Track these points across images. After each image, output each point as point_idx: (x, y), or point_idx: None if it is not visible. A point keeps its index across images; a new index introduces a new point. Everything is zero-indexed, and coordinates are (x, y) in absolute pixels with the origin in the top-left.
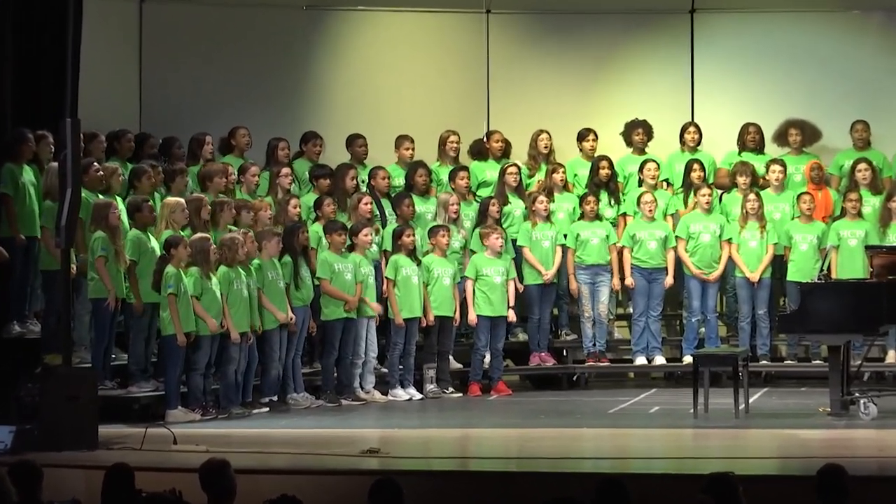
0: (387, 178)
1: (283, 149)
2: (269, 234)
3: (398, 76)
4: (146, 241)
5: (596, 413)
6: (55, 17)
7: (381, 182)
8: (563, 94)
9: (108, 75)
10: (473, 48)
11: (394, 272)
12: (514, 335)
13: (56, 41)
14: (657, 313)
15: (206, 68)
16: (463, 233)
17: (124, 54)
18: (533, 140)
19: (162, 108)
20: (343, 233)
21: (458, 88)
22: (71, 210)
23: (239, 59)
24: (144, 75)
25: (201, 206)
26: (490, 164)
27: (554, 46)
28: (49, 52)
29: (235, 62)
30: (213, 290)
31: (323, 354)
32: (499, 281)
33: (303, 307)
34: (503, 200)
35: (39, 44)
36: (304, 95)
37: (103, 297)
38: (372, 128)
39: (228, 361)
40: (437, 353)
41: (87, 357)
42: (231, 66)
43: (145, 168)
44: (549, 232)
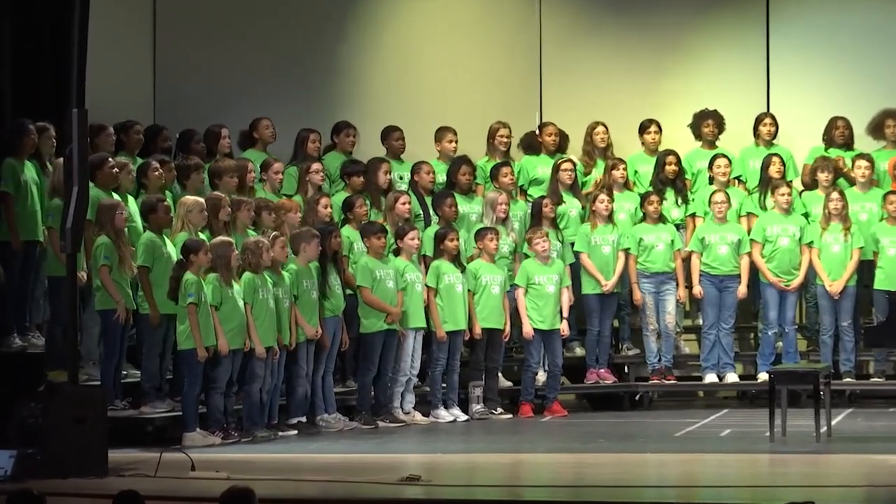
0: (431, 173)
1: (314, 141)
2: (307, 236)
3: (440, 62)
4: (161, 246)
5: (661, 436)
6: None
7: (425, 178)
8: (623, 81)
9: (117, 62)
10: (524, 31)
11: (435, 280)
12: (570, 350)
13: (60, 24)
14: (729, 326)
15: (225, 54)
16: (512, 235)
17: (136, 38)
18: (588, 133)
19: (177, 98)
20: (382, 235)
21: (507, 76)
22: (78, 210)
23: (262, 43)
24: (158, 62)
25: (220, 205)
26: (543, 159)
27: (613, 29)
28: (53, 37)
29: (258, 47)
30: (234, 300)
31: (360, 371)
32: (552, 290)
33: (333, 318)
34: (557, 199)
35: (42, 28)
36: (334, 84)
37: (112, 309)
38: (410, 119)
39: (252, 379)
40: (484, 369)
41: (96, 374)
42: (254, 51)
43: (150, 163)
44: (610, 236)
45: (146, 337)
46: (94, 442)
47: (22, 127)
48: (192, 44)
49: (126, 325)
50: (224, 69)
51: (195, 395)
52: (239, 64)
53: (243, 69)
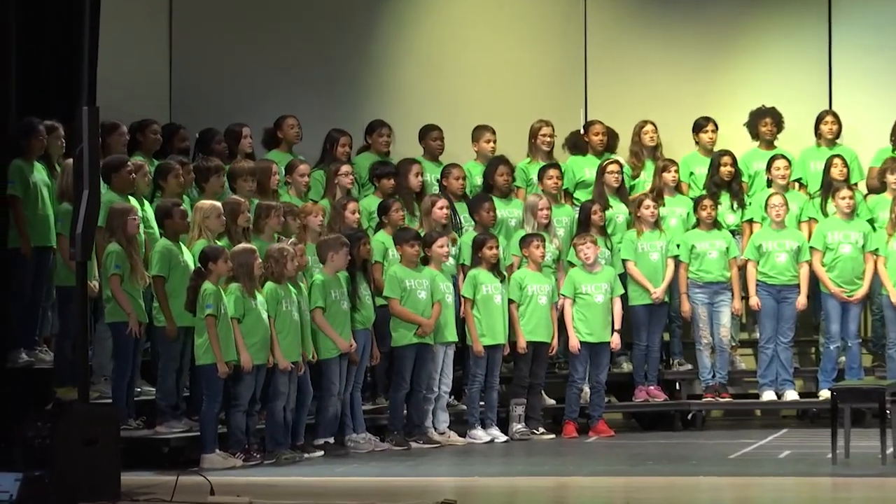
0: (461, 178)
1: (343, 145)
2: (336, 244)
3: (479, 58)
4: (177, 253)
5: (715, 458)
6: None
7: (454, 183)
8: (673, 77)
9: (131, 56)
10: (568, 23)
11: (472, 290)
12: (618, 365)
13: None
14: (788, 339)
15: (247, 49)
16: (556, 242)
17: (151, 31)
18: (636, 133)
19: (195, 95)
20: (416, 243)
21: (550, 71)
22: (88, 215)
23: (287, 37)
24: (174, 56)
25: (238, 210)
26: (589, 159)
27: (663, 20)
28: (61, 31)
29: (283, 41)
30: (257, 312)
31: (391, 387)
32: (600, 300)
33: (363, 331)
34: (603, 204)
35: (50, 21)
36: (365, 81)
37: (123, 321)
38: (447, 119)
39: (276, 396)
40: (527, 386)
41: (108, 391)
42: (278, 45)
43: (172, 165)
44: (659, 242)
45: (162, 351)
46: (105, 464)
47: (30, 126)
48: (211, 37)
49: (140, 339)
50: (245, 64)
51: (215, 413)
52: (262, 59)
53: (267, 64)
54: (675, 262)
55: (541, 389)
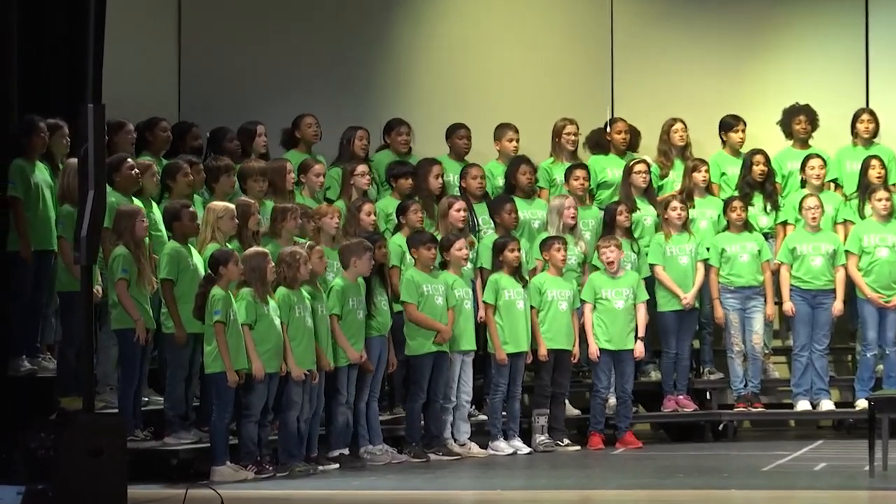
0: (479, 177)
1: (361, 139)
2: (359, 248)
3: (501, 55)
4: (187, 256)
5: (747, 471)
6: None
7: (472, 183)
8: (702, 73)
9: (138, 52)
10: (594, 19)
11: (494, 295)
12: (645, 374)
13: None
14: (823, 347)
15: (260, 45)
16: (581, 245)
17: (159, 26)
18: (664, 131)
19: (206, 92)
20: (433, 246)
21: (576, 69)
22: (94, 217)
23: (302, 33)
24: (184, 52)
25: (249, 212)
26: (612, 159)
27: (692, 14)
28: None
29: (298, 37)
30: (270, 318)
31: (408, 397)
32: (621, 306)
33: (379, 338)
34: (630, 205)
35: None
36: (384, 78)
37: (130, 328)
38: (469, 117)
39: (289, 406)
40: (549, 395)
41: (114, 400)
42: (292, 41)
43: (180, 165)
44: (687, 245)
45: (170, 359)
46: (111, 476)
47: (30, 125)
48: (222, 32)
49: (147, 346)
50: (258, 61)
51: (225, 424)
52: (276, 55)
53: (281, 61)
54: (706, 267)
55: (564, 399)
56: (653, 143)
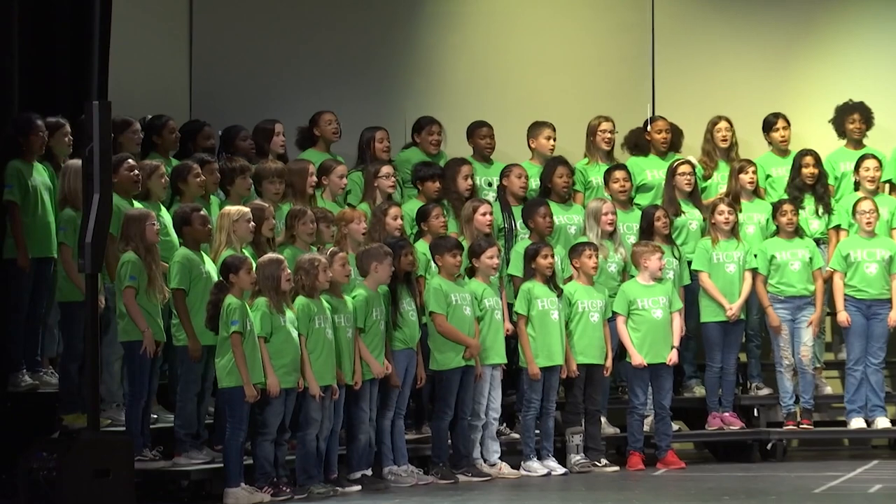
0: (523, 178)
1: (381, 141)
2: (379, 254)
3: (534, 50)
4: (199, 264)
5: (798, 493)
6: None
7: (515, 183)
8: (749, 69)
9: (147, 47)
10: (634, 11)
11: (526, 305)
12: (688, 389)
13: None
14: (879, 360)
15: (275, 39)
16: (621, 252)
17: (169, 20)
18: (708, 130)
19: (219, 89)
20: (458, 252)
21: (615, 65)
22: (99, 222)
23: (321, 26)
24: (195, 45)
25: (263, 216)
26: (651, 160)
27: (737, 7)
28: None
29: (316, 30)
30: (286, 330)
31: (434, 415)
32: (658, 315)
33: (406, 351)
34: (674, 210)
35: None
36: (409, 74)
37: (138, 340)
38: (499, 115)
39: (308, 424)
40: (584, 412)
41: (120, 417)
42: (310, 35)
43: (190, 166)
44: (735, 252)
45: (181, 373)
46: (118, 500)
47: (27, 123)
48: (236, 25)
49: (156, 360)
50: (273, 56)
51: (240, 442)
52: (292, 50)
53: (298, 56)
54: (753, 275)
55: (600, 416)
56: (695, 143)
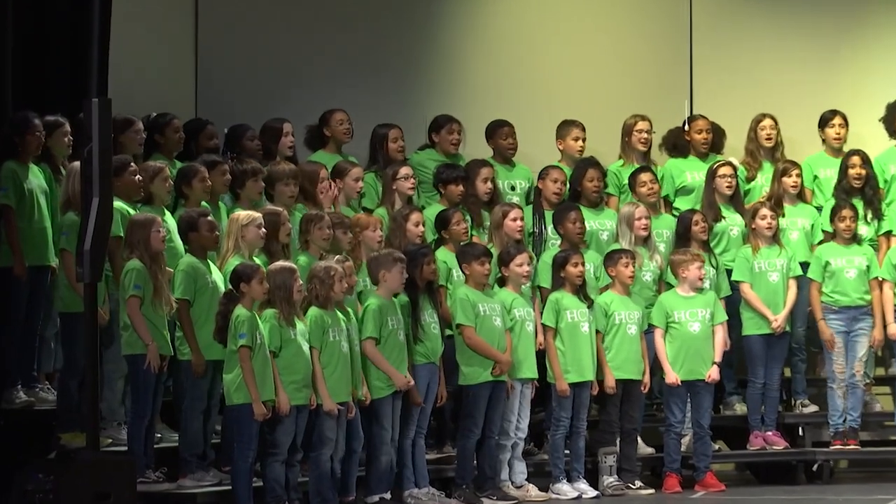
0: (560, 181)
1: (394, 139)
2: (387, 261)
3: (563, 44)
4: (205, 273)
5: None
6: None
7: (551, 187)
8: (795, 64)
9: (150, 41)
10: (669, 2)
11: (555, 317)
12: (729, 406)
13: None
14: None
15: (288, 34)
16: (657, 259)
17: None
18: (752, 129)
19: (225, 86)
20: (487, 260)
21: (648, 57)
22: (98, 228)
23: (337, 21)
24: (202, 41)
25: (279, 222)
26: (691, 161)
27: None
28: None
29: (331, 25)
30: (296, 343)
31: (459, 433)
32: (696, 329)
33: (428, 365)
34: (714, 214)
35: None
36: (427, 70)
37: (141, 354)
38: (525, 114)
39: (321, 443)
40: (618, 431)
41: (122, 436)
42: (325, 29)
43: (197, 168)
44: (778, 259)
45: (186, 389)
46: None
47: (23, 122)
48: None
49: (161, 375)
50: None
51: (249, 463)
52: (303, 44)
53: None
54: (797, 283)
55: (636, 436)
56: (738, 144)
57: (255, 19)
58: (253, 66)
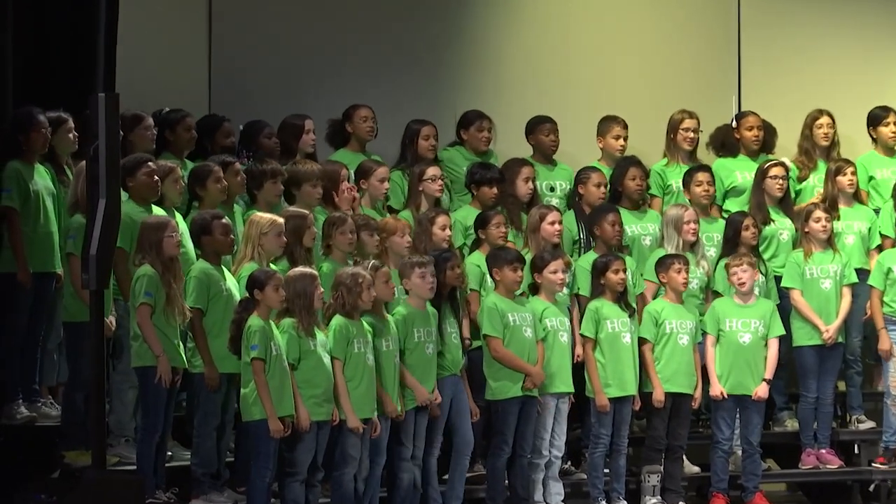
0: (602, 185)
1: (426, 137)
2: (406, 265)
3: (601, 36)
4: (219, 280)
5: None
6: None
7: (593, 192)
8: (850, 57)
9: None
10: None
11: (594, 327)
12: (780, 422)
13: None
14: None
15: (310, 24)
16: (704, 265)
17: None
18: (807, 126)
19: (241, 81)
20: (520, 266)
21: (694, 50)
22: (105, 232)
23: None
24: (216, 32)
25: (304, 225)
26: (741, 161)
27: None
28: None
29: (356, 15)
30: (317, 355)
31: (489, 451)
32: (747, 341)
33: (450, 378)
34: (763, 217)
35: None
36: (456, 64)
37: (153, 366)
38: (562, 110)
39: (344, 462)
40: (663, 449)
41: (131, 454)
42: (347, 21)
43: (211, 168)
44: (832, 266)
45: (199, 404)
46: None
47: (28, 119)
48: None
49: (173, 389)
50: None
51: (266, 483)
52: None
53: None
54: (852, 291)
55: (682, 454)
56: (788, 143)
57: (274, 7)
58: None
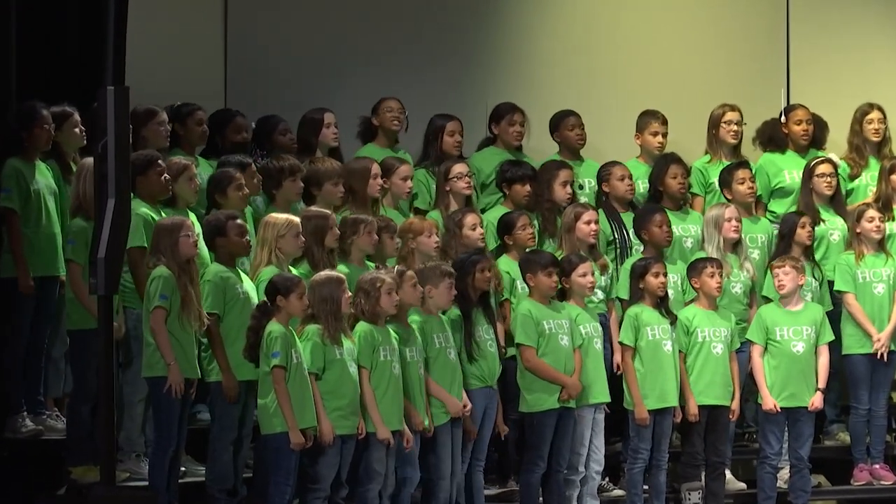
0: (626, 178)
1: (451, 133)
2: (434, 274)
3: (638, 26)
4: (235, 284)
5: None
6: None
7: (619, 187)
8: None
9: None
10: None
11: (633, 334)
12: (831, 436)
13: None
14: None
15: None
16: (747, 268)
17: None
18: (857, 121)
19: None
20: (555, 270)
21: (739, 39)
22: (115, 233)
23: None
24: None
25: (326, 226)
26: (790, 157)
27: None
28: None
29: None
30: (342, 364)
31: (523, 466)
32: (800, 350)
33: (484, 389)
34: (812, 217)
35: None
36: (487, 56)
37: (165, 376)
38: (596, 105)
39: (369, 477)
40: (701, 464)
41: (141, 470)
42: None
43: (231, 174)
44: (884, 269)
45: (215, 416)
46: None
47: (31, 113)
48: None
49: (186, 401)
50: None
51: (286, 500)
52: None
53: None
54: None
55: (724, 469)
56: (839, 138)
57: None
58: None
